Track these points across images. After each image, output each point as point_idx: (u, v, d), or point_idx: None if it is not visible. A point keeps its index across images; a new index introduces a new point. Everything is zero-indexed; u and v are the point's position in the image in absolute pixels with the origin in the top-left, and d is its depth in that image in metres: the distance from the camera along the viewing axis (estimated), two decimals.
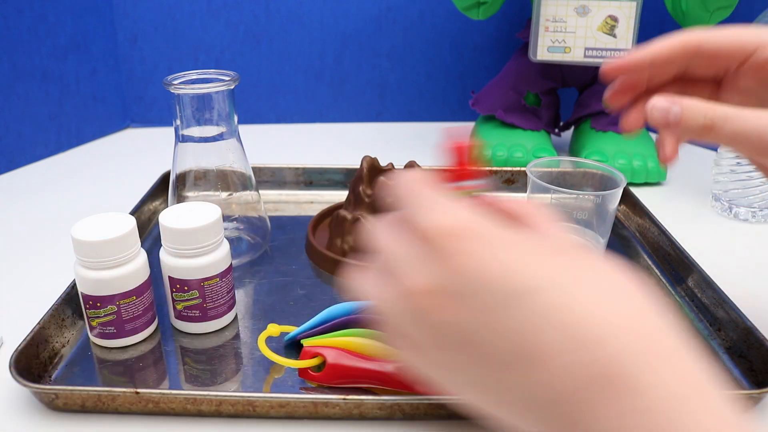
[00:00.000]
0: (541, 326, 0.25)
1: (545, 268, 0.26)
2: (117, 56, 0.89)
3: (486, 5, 0.70)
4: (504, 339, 0.26)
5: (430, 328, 0.27)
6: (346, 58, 0.92)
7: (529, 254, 0.26)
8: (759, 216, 0.65)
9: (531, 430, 0.27)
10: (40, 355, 0.43)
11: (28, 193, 0.71)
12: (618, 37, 0.70)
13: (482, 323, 0.26)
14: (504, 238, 0.27)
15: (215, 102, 0.51)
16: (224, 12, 0.88)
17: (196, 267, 0.44)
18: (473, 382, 0.28)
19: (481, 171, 0.32)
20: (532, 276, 0.25)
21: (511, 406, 0.27)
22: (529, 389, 0.25)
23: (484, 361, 0.26)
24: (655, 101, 0.36)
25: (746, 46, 0.37)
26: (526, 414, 0.26)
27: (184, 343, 0.46)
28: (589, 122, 0.79)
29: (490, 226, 0.27)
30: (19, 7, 0.73)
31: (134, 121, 0.93)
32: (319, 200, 0.68)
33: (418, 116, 0.97)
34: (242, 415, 0.39)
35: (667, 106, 0.36)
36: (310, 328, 0.44)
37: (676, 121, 0.35)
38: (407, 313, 0.28)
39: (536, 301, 0.25)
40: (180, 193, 0.54)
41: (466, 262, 0.26)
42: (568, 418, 0.24)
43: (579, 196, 0.52)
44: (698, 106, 0.35)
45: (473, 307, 0.26)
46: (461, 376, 0.28)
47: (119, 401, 0.39)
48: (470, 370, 0.27)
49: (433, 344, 0.28)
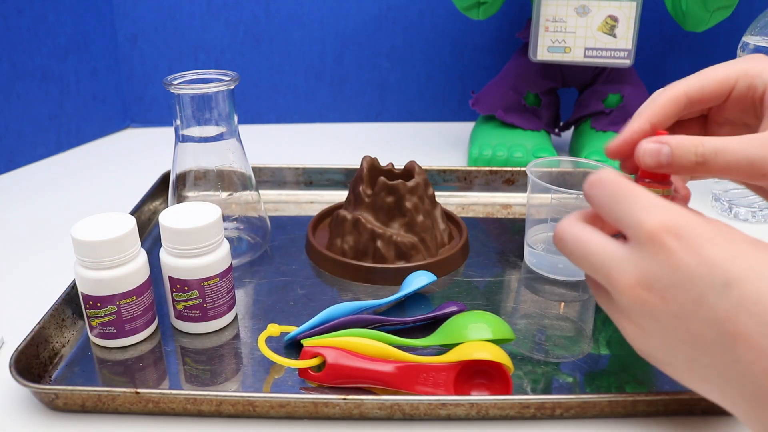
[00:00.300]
0: (739, 315, 0.29)
1: (746, 260, 0.30)
2: (117, 56, 0.89)
3: (486, 5, 0.70)
4: (710, 326, 0.30)
5: (649, 316, 0.32)
6: (346, 58, 0.93)
7: (732, 247, 0.30)
8: (759, 216, 0.65)
9: (735, 408, 0.31)
10: (40, 355, 0.43)
11: (28, 193, 0.71)
12: (618, 37, 0.70)
13: (690, 312, 0.30)
14: (710, 234, 0.31)
15: (215, 102, 0.51)
16: (224, 12, 0.88)
17: (196, 267, 0.44)
18: (687, 363, 0.32)
19: (667, 176, 0.36)
20: (734, 268, 0.29)
21: (719, 385, 0.31)
22: (734, 370, 0.30)
23: (695, 346, 0.31)
24: (644, 145, 0.36)
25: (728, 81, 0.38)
26: (733, 391, 0.30)
27: (184, 343, 0.46)
28: (589, 122, 0.79)
29: (699, 222, 0.31)
30: (19, 7, 0.73)
31: (134, 121, 0.93)
32: (319, 200, 0.68)
33: (418, 116, 0.97)
34: (242, 415, 0.39)
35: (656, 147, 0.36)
36: (310, 328, 0.44)
37: (668, 162, 0.35)
38: (619, 306, 0.33)
39: (736, 292, 0.29)
40: (180, 193, 0.54)
41: (679, 257, 0.30)
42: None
43: (579, 196, 0.52)
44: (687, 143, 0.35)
45: (683, 299, 0.30)
46: (677, 358, 0.32)
47: (119, 401, 0.39)
48: (684, 353, 0.32)
49: (651, 329, 0.32)
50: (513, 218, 0.65)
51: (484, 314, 0.45)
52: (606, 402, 0.39)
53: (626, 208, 0.32)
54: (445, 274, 0.54)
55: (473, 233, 0.61)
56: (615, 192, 0.33)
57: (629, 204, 0.32)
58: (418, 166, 0.56)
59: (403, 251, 0.53)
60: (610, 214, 0.33)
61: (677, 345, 0.32)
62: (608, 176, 0.34)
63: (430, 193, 0.57)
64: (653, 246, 0.31)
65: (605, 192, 0.33)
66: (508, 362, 0.40)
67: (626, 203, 0.32)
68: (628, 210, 0.32)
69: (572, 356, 0.45)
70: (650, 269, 0.31)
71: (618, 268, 0.32)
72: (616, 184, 0.33)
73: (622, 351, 0.45)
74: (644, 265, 0.31)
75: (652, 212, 0.31)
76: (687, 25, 0.69)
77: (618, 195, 0.33)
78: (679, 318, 0.31)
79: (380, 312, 0.49)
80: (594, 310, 0.50)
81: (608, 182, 0.33)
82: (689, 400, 0.39)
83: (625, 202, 0.32)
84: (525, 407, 0.39)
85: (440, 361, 0.41)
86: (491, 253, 0.58)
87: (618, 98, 0.77)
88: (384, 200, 0.54)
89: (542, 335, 0.47)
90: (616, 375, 0.43)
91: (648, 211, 0.31)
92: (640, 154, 0.36)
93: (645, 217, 0.31)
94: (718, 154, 0.34)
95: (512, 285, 0.53)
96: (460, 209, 0.67)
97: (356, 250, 0.54)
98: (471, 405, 0.38)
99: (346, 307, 0.46)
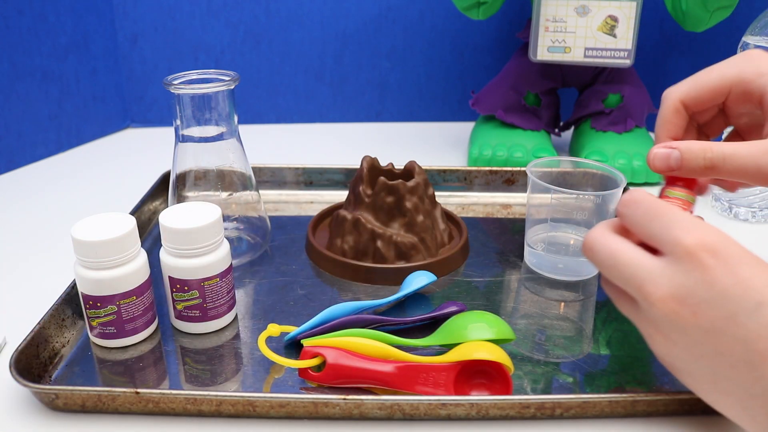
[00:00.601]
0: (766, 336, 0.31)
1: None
2: (117, 56, 0.89)
3: (486, 5, 0.70)
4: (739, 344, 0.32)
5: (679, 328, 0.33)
6: (346, 58, 0.93)
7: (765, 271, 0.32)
8: (759, 216, 0.65)
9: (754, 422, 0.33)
10: (40, 355, 0.43)
11: (28, 193, 0.71)
12: (618, 37, 0.70)
13: (721, 329, 0.32)
14: (745, 256, 0.32)
15: (215, 102, 0.51)
16: (224, 12, 0.88)
17: (196, 267, 0.44)
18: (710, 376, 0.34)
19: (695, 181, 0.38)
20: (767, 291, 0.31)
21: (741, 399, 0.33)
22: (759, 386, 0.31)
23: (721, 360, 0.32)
24: (654, 151, 0.38)
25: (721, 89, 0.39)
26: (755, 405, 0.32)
27: (184, 343, 0.46)
28: (589, 122, 0.79)
29: (734, 243, 0.33)
30: (19, 8, 0.73)
31: (134, 121, 0.93)
32: (319, 200, 0.68)
33: (418, 116, 0.97)
34: (242, 415, 0.39)
35: (666, 152, 0.37)
36: (310, 328, 0.44)
37: (678, 166, 0.37)
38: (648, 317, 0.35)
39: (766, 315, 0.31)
40: (180, 193, 0.54)
41: (715, 275, 0.32)
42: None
43: (579, 196, 0.52)
44: (695, 148, 0.36)
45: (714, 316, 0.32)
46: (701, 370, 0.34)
47: (119, 401, 0.39)
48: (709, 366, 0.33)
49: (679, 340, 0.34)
50: (513, 218, 0.65)
51: (484, 314, 0.45)
52: (606, 402, 0.39)
53: (663, 226, 0.34)
54: (445, 274, 0.54)
55: (473, 233, 0.61)
56: (650, 210, 0.35)
57: (666, 221, 0.34)
58: (418, 166, 0.56)
59: (403, 251, 0.53)
60: (644, 231, 0.35)
61: (702, 358, 0.33)
62: (642, 196, 0.36)
63: (430, 193, 0.57)
64: (690, 262, 0.32)
65: (640, 211, 0.35)
66: (508, 362, 0.40)
67: (663, 220, 0.34)
68: (665, 227, 0.33)
69: (572, 356, 0.45)
70: (685, 284, 0.32)
71: (651, 280, 0.33)
72: (651, 202, 0.35)
73: (622, 351, 0.45)
74: (679, 280, 0.33)
75: (690, 230, 0.33)
76: (687, 25, 0.69)
77: (654, 213, 0.34)
78: (708, 333, 0.32)
79: (380, 312, 0.49)
80: (594, 310, 0.50)
81: (643, 201, 0.35)
82: (689, 400, 0.39)
83: (662, 220, 0.34)
84: (525, 407, 0.39)
85: (440, 361, 0.41)
86: (491, 253, 0.58)
87: (618, 98, 0.77)
88: (384, 200, 0.54)
89: (542, 335, 0.47)
90: (616, 375, 0.43)
91: (686, 229, 0.33)
92: (650, 159, 0.38)
93: (683, 235, 0.33)
94: (726, 160, 0.36)
95: (512, 285, 0.53)
96: (460, 209, 0.67)
97: (356, 250, 0.54)
98: (471, 405, 0.38)
99: (346, 307, 0.46)
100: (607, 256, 0.36)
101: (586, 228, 0.54)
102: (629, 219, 0.36)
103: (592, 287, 0.53)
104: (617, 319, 0.49)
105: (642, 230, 0.35)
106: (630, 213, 0.36)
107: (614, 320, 0.49)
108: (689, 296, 0.32)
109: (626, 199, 0.36)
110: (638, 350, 0.45)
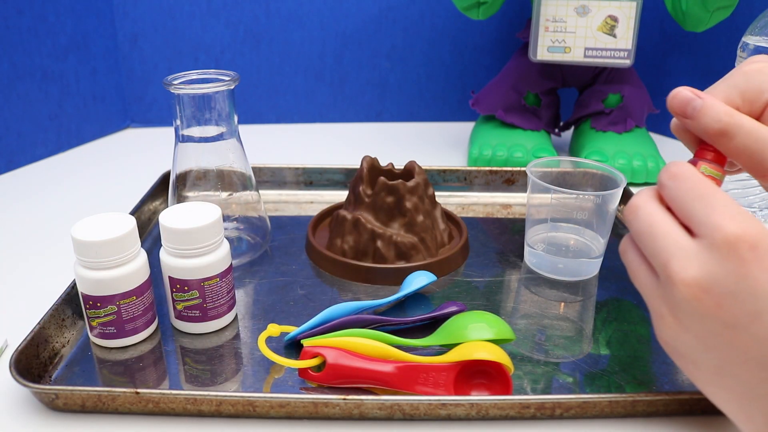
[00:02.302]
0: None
1: None
2: (117, 56, 0.89)
3: (486, 5, 0.70)
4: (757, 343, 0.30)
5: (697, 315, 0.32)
6: (346, 58, 0.93)
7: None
8: (759, 216, 0.65)
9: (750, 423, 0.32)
10: (40, 355, 0.43)
11: (28, 193, 0.71)
12: (618, 37, 0.70)
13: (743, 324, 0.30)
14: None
15: (215, 102, 0.51)
16: (224, 12, 0.88)
17: (196, 267, 0.44)
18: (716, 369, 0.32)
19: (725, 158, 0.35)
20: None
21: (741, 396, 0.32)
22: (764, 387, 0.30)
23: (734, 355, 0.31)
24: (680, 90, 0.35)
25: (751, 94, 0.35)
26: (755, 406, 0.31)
27: (184, 343, 0.46)
28: (589, 122, 0.79)
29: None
30: (19, 8, 0.73)
31: (134, 121, 0.93)
32: (319, 200, 0.68)
33: (418, 116, 0.97)
34: (242, 415, 0.39)
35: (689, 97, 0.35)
36: (310, 328, 0.44)
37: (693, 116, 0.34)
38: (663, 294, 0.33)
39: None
40: (180, 193, 0.54)
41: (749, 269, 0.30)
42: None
43: (579, 196, 0.52)
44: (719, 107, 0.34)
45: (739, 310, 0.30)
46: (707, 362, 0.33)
47: (119, 401, 0.39)
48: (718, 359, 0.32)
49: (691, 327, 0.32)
50: (513, 218, 0.65)
51: (484, 314, 0.45)
52: (606, 402, 0.39)
53: (705, 208, 0.32)
54: (445, 274, 0.54)
55: (473, 233, 0.61)
56: (695, 189, 0.32)
57: (709, 204, 0.32)
58: (418, 166, 0.56)
59: (403, 251, 0.53)
60: (683, 209, 0.33)
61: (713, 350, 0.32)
62: (690, 171, 0.33)
63: (430, 193, 0.57)
64: (727, 251, 0.30)
65: (685, 186, 0.33)
66: (508, 362, 0.40)
67: (706, 202, 0.32)
68: (708, 210, 0.31)
69: (572, 356, 0.45)
70: (716, 272, 0.31)
71: (682, 259, 0.32)
72: (698, 181, 0.33)
73: (622, 351, 0.45)
74: (710, 267, 0.31)
75: (734, 218, 0.31)
76: (687, 25, 0.69)
77: (698, 192, 0.32)
78: (727, 327, 0.31)
79: (380, 312, 0.49)
80: (594, 310, 0.50)
81: (689, 177, 0.33)
82: (689, 400, 0.39)
83: (705, 201, 0.32)
84: (525, 407, 0.39)
85: (440, 361, 0.41)
86: (491, 253, 0.58)
87: (618, 98, 0.77)
88: (384, 200, 0.54)
89: (542, 335, 0.47)
90: (616, 375, 0.43)
91: (729, 217, 0.31)
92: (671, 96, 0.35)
93: (725, 222, 0.31)
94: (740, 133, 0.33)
95: (512, 285, 0.53)
96: (460, 209, 0.67)
97: (356, 250, 0.54)
98: (471, 405, 0.38)
99: (346, 307, 0.46)
100: (646, 223, 0.34)
101: (586, 228, 0.54)
102: (671, 192, 0.34)
103: (592, 287, 0.53)
104: (617, 319, 0.49)
105: (682, 207, 0.33)
106: (673, 186, 0.33)
107: (614, 320, 0.49)
108: (717, 285, 0.31)
109: (672, 172, 0.34)
110: (638, 350, 0.45)
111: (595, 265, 0.54)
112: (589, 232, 0.54)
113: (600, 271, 0.55)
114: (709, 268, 0.31)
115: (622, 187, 0.51)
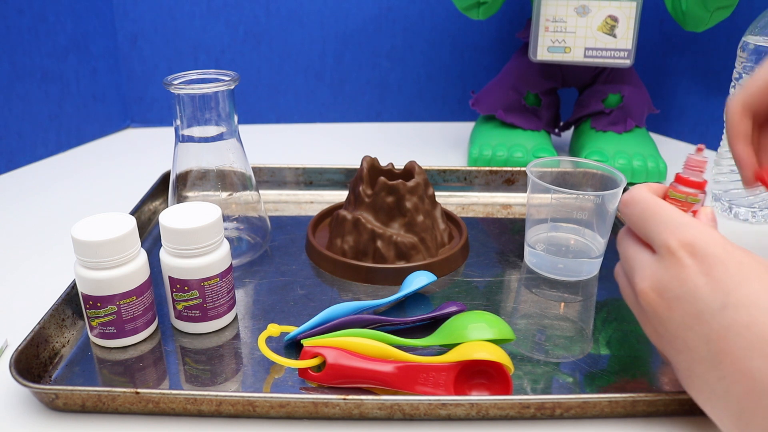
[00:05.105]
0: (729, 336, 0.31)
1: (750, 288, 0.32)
2: (117, 56, 0.89)
3: (486, 5, 0.70)
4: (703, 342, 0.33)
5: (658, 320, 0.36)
6: (346, 58, 0.93)
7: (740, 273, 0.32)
8: (759, 216, 0.65)
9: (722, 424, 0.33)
10: (40, 355, 0.43)
11: (28, 193, 0.71)
12: (618, 37, 0.70)
13: (689, 325, 0.34)
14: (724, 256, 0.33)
15: (215, 102, 0.51)
16: (224, 12, 0.88)
17: (196, 267, 0.44)
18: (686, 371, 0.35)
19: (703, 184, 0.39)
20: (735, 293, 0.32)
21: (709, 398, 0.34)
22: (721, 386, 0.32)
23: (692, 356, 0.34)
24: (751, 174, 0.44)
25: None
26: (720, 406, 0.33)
27: (184, 343, 0.46)
28: (589, 122, 0.79)
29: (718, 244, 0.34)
30: (19, 8, 0.73)
31: (134, 121, 0.93)
32: (319, 200, 0.68)
33: (418, 116, 0.97)
34: (242, 415, 0.39)
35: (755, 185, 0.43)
36: (310, 328, 0.44)
37: None
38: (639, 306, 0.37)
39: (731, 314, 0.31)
40: (180, 193, 0.54)
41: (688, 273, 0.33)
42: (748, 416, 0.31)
43: (579, 196, 0.52)
44: None
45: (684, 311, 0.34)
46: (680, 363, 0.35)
47: (119, 401, 0.39)
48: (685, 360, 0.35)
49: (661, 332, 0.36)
50: (513, 218, 0.65)
51: (484, 314, 0.45)
52: (606, 402, 0.39)
53: (655, 225, 0.36)
54: (445, 274, 0.54)
55: (473, 233, 0.61)
56: (646, 210, 0.37)
57: (657, 221, 0.36)
58: (418, 166, 0.56)
59: (403, 251, 0.53)
60: (640, 230, 0.37)
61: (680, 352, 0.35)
62: (641, 196, 0.38)
63: (430, 193, 0.57)
64: (670, 259, 0.34)
65: (637, 210, 0.37)
66: (508, 362, 0.40)
67: (654, 220, 0.36)
68: (657, 227, 0.36)
69: (572, 356, 0.45)
70: (663, 279, 0.35)
71: (640, 272, 0.36)
72: (647, 202, 0.37)
73: (622, 351, 0.45)
74: (659, 274, 0.35)
75: (676, 230, 0.35)
76: (687, 25, 0.69)
77: (649, 213, 0.37)
78: (680, 328, 0.34)
79: (380, 312, 0.49)
80: (594, 310, 0.50)
81: (640, 201, 0.37)
82: (689, 400, 0.39)
83: (653, 219, 0.36)
84: (525, 407, 0.39)
85: (440, 361, 0.41)
86: (491, 253, 0.58)
87: (618, 98, 0.77)
88: (384, 200, 0.54)
89: (542, 335, 0.47)
90: (616, 375, 0.43)
91: (671, 229, 0.35)
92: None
93: (667, 235, 0.35)
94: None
95: (512, 285, 0.53)
96: (460, 209, 0.67)
97: (356, 250, 0.54)
98: (471, 405, 0.38)
99: (346, 307, 0.46)
100: (622, 248, 0.39)
101: (586, 228, 0.54)
102: (628, 219, 0.38)
103: (592, 287, 0.53)
104: (617, 319, 0.49)
105: (638, 229, 0.37)
106: (628, 213, 0.38)
107: (614, 320, 0.49)
108: (666, 290, 0.35)
109: (625, 199, 0.39)
110: (638, 350, 0.45)
111: (595, 265, 0.54)
112: (589, 232, 0.54)
113: (600, 271, 0.55)
114: (659, 276, 0.35)
115: (622, 187, 0.51)
